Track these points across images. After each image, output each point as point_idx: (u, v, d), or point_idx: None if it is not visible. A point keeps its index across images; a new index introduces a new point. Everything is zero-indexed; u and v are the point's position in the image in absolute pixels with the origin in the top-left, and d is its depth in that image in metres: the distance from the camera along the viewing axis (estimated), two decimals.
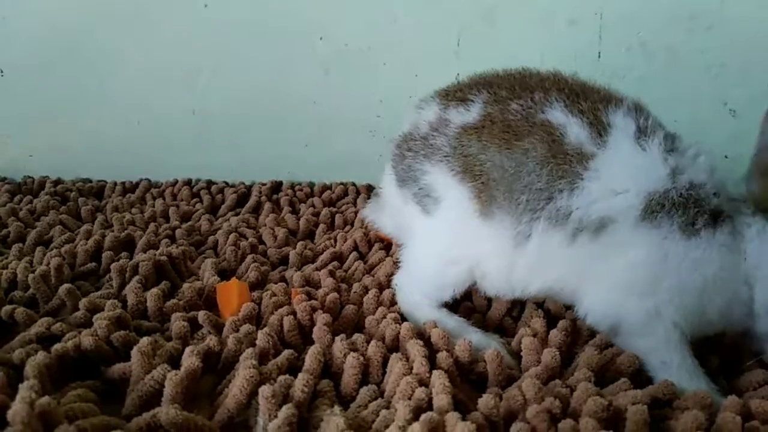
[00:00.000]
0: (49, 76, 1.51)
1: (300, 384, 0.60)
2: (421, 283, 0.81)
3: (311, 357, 0.66)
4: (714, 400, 0.61)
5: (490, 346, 0.74)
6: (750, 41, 1.54)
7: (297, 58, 1.49)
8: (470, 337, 0.75)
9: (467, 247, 0.77)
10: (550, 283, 0.75)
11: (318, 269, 0.96)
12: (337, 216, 1.24)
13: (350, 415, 0.59)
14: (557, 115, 0.73)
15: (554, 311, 0.84)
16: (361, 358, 0.66)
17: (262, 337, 0.69)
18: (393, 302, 0.84)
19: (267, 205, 1.32)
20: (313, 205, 1.33)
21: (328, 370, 0.68)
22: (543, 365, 0.67)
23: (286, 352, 0.68)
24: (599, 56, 1.57)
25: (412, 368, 0.64)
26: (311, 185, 1.47)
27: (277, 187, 1.45)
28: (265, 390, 0.57)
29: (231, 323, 0.74)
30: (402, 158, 0.81)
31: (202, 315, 0.75)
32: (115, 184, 1.44)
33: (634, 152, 0.71)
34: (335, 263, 1.01)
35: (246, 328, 0.71)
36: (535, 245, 0.72)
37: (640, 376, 0.68)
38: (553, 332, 0.72)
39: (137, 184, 1.44)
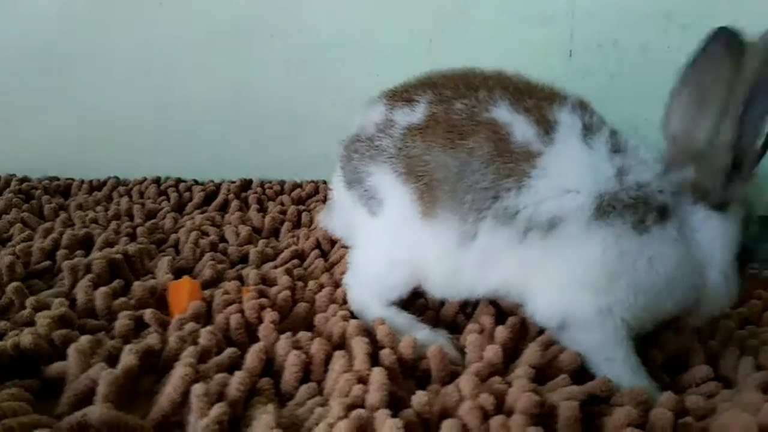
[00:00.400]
0: (14, 75, 1.49)
1: (236, 382, 0.60)
2: (369, 283, 0.81)
3: (252, 355, 0.65)
4: (651, 396, 0.62)
5: (436, 342, 0.74)
6: None
7: (258, 56, 1.48)
8: (418, 333, 0.75)
9: (410, 248, 0.76)
10: (498, 283, 0.74)
11: (277, 267, 0.95)
12: (304, 214, 1.23)
13: (285, 413, 0.59)
14: (502, 113, 0.72)
15: (506, 308, 0.84)
16: (303, 356, 0.66)
17: (204, 336, 0.68)
18: (346, 300, 0.83)
19: (234, 203, 1.31)
20: (282, 203, 1.33)
21: (271, 368, 0.68)
22: (485, 361, 0.67)
23: (229, 350, 0.68)
24: (571, 54, 1.57)
25: (353, 365, 0.64)
26: (282, 183, 1.46)
27: (246, 185, 1.45)
28: (197, 388, 0.57)
29: (176, 322, 0.73)
30: (349, 159, 0.81)
31: (148, 313, 0.75)
32: (82, 182, 1.43)
33: (582, 150, 0.70)
34: (295, 261, 1.01)
35: (190, 326, 0.71)
36: (481, 245, 0.71)
37: (583, 374, 0.69)
38: (499, 329, 0.72)
39: (105, 182, 1.43)
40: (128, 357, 0.62)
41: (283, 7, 1.48)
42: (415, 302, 0.85)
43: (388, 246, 0.79)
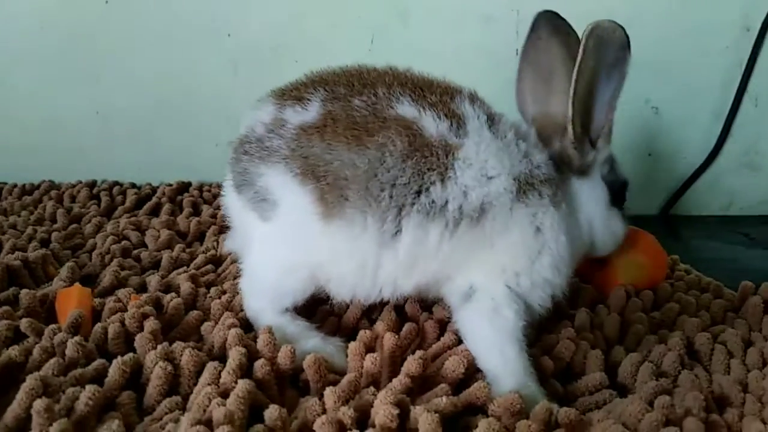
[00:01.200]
0: None
1: (85, 397, 0.56)
2: (263, 289, 0.78)
3: (113, 367, 0.62)
4: (531, 403, 0.59)
5: (325, 351, 0.71)
6: (671, 38, 1.53)
7: (205, 56, 1.46)
8: (309, 342, 0.73)
9: (309, 252, 0.73)
10: (427, 277, 0.73)
11: (185, 273, 0.92)
12: None
13: (139, 429, 0.56)
14: (409, 109, 0.70)
15: (411, 314, 0.81)
16: (170, 368, 0.62)
17: (70, 347, 0.65)
18: (240, 310, 0.80)
19: (166, 207, 1.28)
20: (218, 207, 1.30)
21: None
22: (364, 371, 0.64)
23: (95, 363, 0.65)
24: (517, 53, 1.54)
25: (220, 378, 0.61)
26: (220, 185, 1.43)
27: (184, 187, 1.42)
28: (38, 404, 0.54)
29: (50, 331, 0.70)
30: (238, 161, 0.77)
31: (24, 323, 0.72)
32: (15, 186, 1.40)
33: (494, 139, 0.72)
34: (209, 267, 0.98)
35: (60, 336, 0.68)
36: (408, 241, 0.69)
37: (467, 382, 0.66)
38: (387, 336, 0.69)
39: (38, 186, 1.40)
40: None
41: (225, 8, 1.45)
42: (318, 309, 0.83)
43: (283, 250, 0.75)
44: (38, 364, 0.64)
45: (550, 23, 0.80)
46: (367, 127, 0.70)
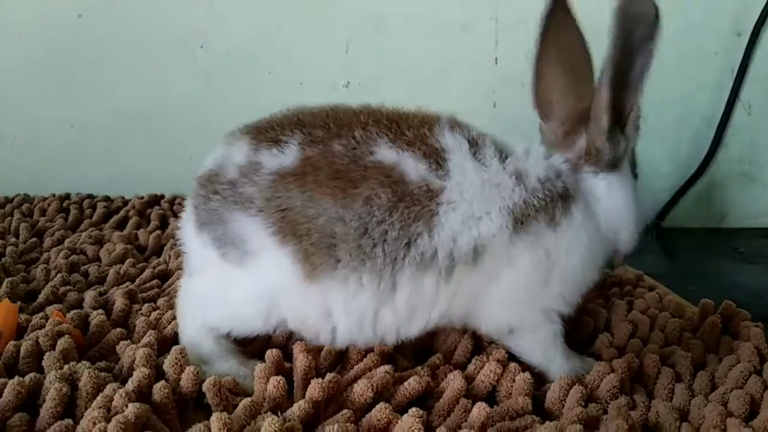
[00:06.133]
0: None
1: None
2: (203, 312, 0.73)
3: (8, 388, 0.60)
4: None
5: (238, 374, 0.68)
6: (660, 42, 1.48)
7: (177, 69, 1.46)
8: (223, 364, 0.70)
9: (288, 310, 0.68)
10: (432, 321, 0.69)
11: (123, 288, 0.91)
12: None
13: None
14: (387, 153, 0.65)
15: None
16: (65, 389, 0.60)
17: None
18: (167, 325, 0.78)
19: (132, 220, 1.27)
20: None
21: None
22: (267, 394, 0.61)
23: None
24: (496, 62, 1.51)
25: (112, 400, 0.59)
26: None
27: (156, 200, 1.41)
28: None
29: None
30: (207, 200, 0.69)
31: None
32: None
33: (478, 170, 0.67)
34: (155, 281, 0.96)
35: None
36: (404, 295, 0.65)
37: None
38: (299, 357, 0.66)
39: (12, 200, 1.41)
40: None
41: (196, 21, 1.45)
42: None
43: (252, 302, 0.69)
44: None
45: (567, 9, 0.71)
46: (349, 176, 0.64)
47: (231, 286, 0.70)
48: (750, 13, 1.45)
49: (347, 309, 0.66)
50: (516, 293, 0.69)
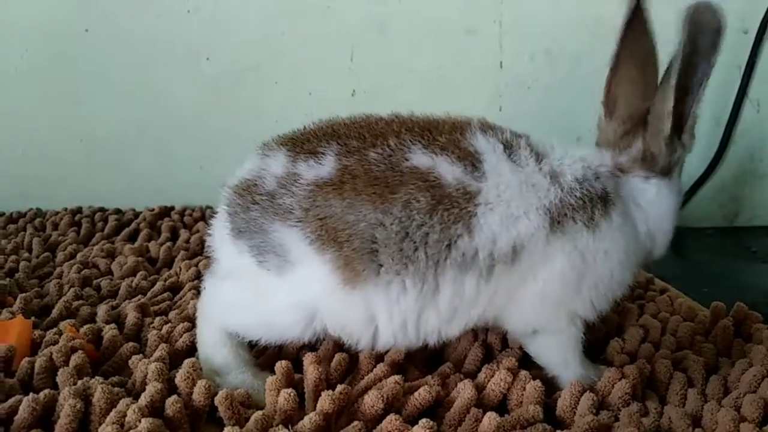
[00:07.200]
0: None
1: None
2: (227, 316, 0.74)
3: (23, 405, 0.61)
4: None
5: (252, 386, 0.69)
6: (664, 40, 1.47)
7: (184, 80, 1.47)
8: (237, 377, 0.71)
9: (329, 317, 0.70)
10: (472, 321, 0.70)
11: (135, 302, 0.92)
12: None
13: None
14: (422, 158, 0.67)
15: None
16: (79, 405, 0.61)
17: None
18: (179, 338, 0.79)
19: (143, 233, 1.28)
20: (197, 231, 1.30)
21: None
22: (278, 407, 0.61)
23: (13, 399, 0.64)
24: (501, 65, 1.51)
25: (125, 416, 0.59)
26: (203, 209, 1.43)
27: (166, 212, 1.42)
28: None
29: None
30: (246, 210, 0.70)
31: None
32: (2, 214, 1.42)
33: (515, 171, 0.68)
34: (166, 294, 0.97)
35: None
36: (447, 296, 0.67)
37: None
38: (310, 368, 0.66)
39: (24, 215, 1.42)
40: None
41: (202, 32, 1.46)
42: None
43: (289, 310, 0.70)
44: None
45: (646, 14, 0.71)
46: (387, 182, 0.66)
47: (267, 294, 0.71)
48: (756, 10, 1.44)
49: (391, 313, 0.67)
50: (548, 294, 0.69)
